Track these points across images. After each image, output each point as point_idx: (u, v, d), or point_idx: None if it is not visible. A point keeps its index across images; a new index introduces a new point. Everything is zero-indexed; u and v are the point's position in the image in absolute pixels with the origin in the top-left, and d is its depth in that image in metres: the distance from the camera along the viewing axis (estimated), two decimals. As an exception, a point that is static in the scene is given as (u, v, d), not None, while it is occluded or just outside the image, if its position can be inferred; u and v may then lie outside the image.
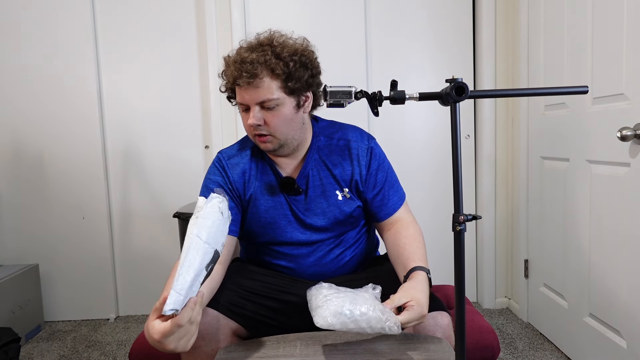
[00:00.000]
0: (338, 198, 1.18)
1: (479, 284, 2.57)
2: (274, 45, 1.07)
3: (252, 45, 1.08)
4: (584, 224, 1.75)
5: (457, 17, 2.44)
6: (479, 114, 2.47)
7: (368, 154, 1.19)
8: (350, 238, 1.23)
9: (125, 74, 2.48)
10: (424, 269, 1.04)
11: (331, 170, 1.18)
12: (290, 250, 1.20)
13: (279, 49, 1.06)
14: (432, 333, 1.02)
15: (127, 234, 2.55)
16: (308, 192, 1.17)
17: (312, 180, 1.18)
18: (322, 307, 0.89)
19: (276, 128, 1.08)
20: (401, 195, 1.23)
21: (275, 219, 1.17)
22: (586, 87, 0.83)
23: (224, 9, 2.40)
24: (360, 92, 0.85)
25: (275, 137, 1.10)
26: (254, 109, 1.07)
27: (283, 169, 1.19)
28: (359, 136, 1.21)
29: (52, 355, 2.13)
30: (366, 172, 1.18)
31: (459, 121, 0.78)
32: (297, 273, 1.21)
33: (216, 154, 1.23)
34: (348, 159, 1.18)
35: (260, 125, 1.07)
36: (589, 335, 1.75)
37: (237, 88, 1.08)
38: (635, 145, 1.45)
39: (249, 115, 1.08)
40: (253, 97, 1.06)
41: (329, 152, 1.19)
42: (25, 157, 2.48)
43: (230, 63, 1.08)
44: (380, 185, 1.20)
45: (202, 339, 1.01)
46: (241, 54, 1.06)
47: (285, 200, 1.17)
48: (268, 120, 1.07)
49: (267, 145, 1.11)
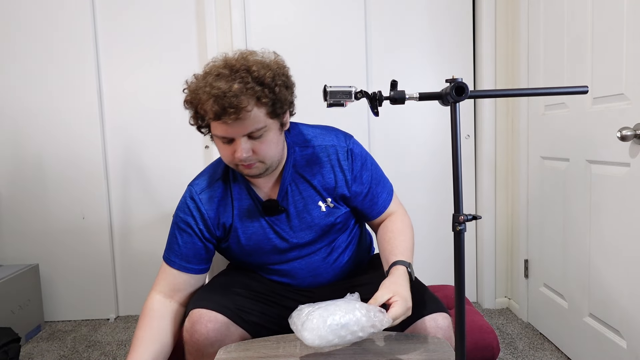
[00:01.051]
0: (321, 210, 1.12)
1: (479, 284, 2.57)
2: (251, 69, 0.96)
3: (225, 73, 0.95)
4: (584, 224, 1.75)
5: (457, 17, 2.44)
6: (479, 114, 2.47)
7: (348, 156, 1.12)
8: (342, 242, 1.20)
9: (125, 74, 2.48)
10: (403, 262, 1.03)
11: (310, 182, 1.11)
12: (281, 267, 1.18)
13: (258, 73, 0.96)
14: (432, 334, 1.01)
15: (127, 234, 2.55)
16: (289, 210, 1.12)
17: (291, 196, 1.11)
18: (306, 322, 0.86)
19: (265, 154, 1.01)
20: (389, 190, 1.20)
21: (260, 244, 1.13)
22: (586, 87, 0.83)
23: (224, 9, 2.40)
24: (360, 92, 0.84)
25: (263, 163, 1.03)
26: (240, 140, 0.97)
27: (260, 189, 1.12)
28: (335, 138, 1.14)
29: (52, 355, 2.13)
30: (350, 175, 1.12)
31: (459, 121, 0.78)
32: (292, 287, 1.20)
33: (187, 187, 1.15)
34: (327, 165, 1.11)
35: (249, 156, 0.99)
36: (589, 335, 1.75)
37: (216, 122, 0.97)
38: (635, 145, 1.45)
39: (231, 146, 1.00)
40: (239, 130, 0.96)
41: (305, 162, 1.12)
42: (25, 157, 2.48)
43: (203, 95, 0.94)
44: (367, 186, 1.15)
45: (211, 345, 1.00)
46: (217, 86, 0.93)
47: (267, 222, 1.12)
48: (256, 149, 1.00)
49: (252, 171, 1.04)
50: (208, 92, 0.93)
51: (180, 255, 1.12)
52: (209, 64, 1.01)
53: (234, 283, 1.14)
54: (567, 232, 1.88)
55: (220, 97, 0.92)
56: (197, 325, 1.01)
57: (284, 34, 2.43)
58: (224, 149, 1.02)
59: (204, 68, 1.01)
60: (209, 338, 1.00)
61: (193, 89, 0.98)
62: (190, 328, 1.02)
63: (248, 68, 0.96)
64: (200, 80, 0.98)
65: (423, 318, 1.03)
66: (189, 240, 1.12)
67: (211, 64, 1.00)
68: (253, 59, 0.99)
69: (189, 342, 1.03)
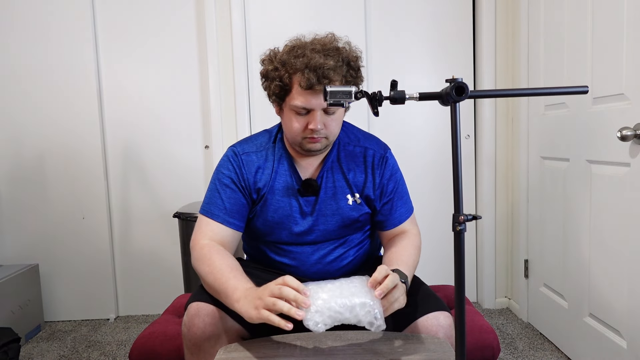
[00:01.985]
0: (348, 202, 1.18)
1: (479, 284, 2.57)
2: (341, 50, 1.08)
3: (318, 49, 1.06)
4: (584, 224, 1.75)
5: (457, 17, 2.44)
6: (479, 114, 2.47)
7: (382, 162, 1.20)
8: (354, 239, 1.24)
9: (125, 73, 2.48)
10: (398, 271, 1.02)
11: (345, 174, 1.18)
12: (294, 248, 1.20)
13: (347, 54, 1.08)
14: (434, 333, 1.02)
15: (127, 234, 2.55)
16: (319, 194, 1.17)
17: (325, 182, 1.18)
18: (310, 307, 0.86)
19: (332, 130, 1.10)
20: (409, 208, 1.24)
21: (283, 219, 1.17)
22: (586, 87, 0.83)
23: (224, 9, 2.40)
24: (360, 92, 0.85)
25: (327, 139, 1.11)
26: (318, 113, 1.06)
27: (304, 169, 1.19)
28: (375, 145, 1.22)
29: (52, 355, 2.13)
30: (379, 180, 1.19)
31: (459, 121, 0.78)
32: (300, 271, 1.21)
33: (228, 148, 1.21)
34: (362, 165, 1.19)
35: (322, 129, 1.08)
36: (589, 335, 1.75)
37: (302, 91, 1.05)
38: (635, 145, 1.45)
39: (305, 118, 1.08)
40: (322, 102, 1.05)
41: (345, 155, 1.20)
42: (25, 157, 2.48)
43: (299, 65, 1.04)
44: (389, 195, 1.20)
45: (207, 340, 1.01)
46: (314, 58, 1.03)
47: (297, 201, 1.17)
48: (327, 124, 1.09)
49: (315, 146, 1.11)
50: (305, 63, 1.03)
51: (224, 209, 1.13)
52: (293, 41, 1.11)
53: None
54: (567, 232, 1.88)
55: (318, 67, 1.02)
56: (195, 319, 1.02)
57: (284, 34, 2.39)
58: (297, 120, 1.09)
59: (286, 44, 1.11)
60: (206, 332, 1.00)
61: (282, 59, 1.07)
62: (188, 322, 1.03)
63: (338, 49, 1.08)
64: (286, 53, 1.08)
65: (425, 316, 1.04)
66: (232, 196, 1.14)
67: (295, 41, 1.11)
68: (340, 43, 1.10)
69: (186, 336, 1.04)
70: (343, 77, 1.06)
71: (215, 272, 1.01)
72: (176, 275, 2.53)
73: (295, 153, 1.18)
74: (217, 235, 1.12)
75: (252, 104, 2.45)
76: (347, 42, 1.13)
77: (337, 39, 1.12)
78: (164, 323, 1.42)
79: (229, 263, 1.03)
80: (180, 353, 1.20)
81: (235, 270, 1.01)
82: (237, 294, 0.94)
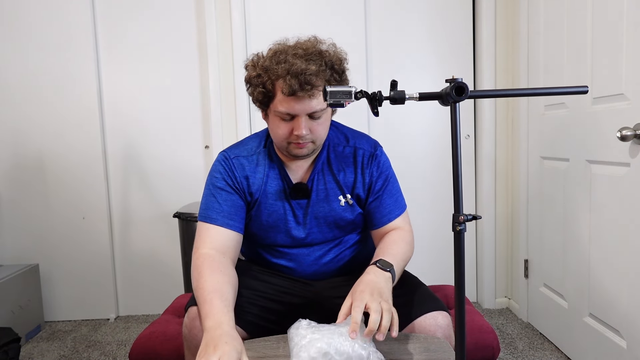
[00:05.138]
0: (340, 204, 1.17)
1: (479, 284, 2.57)
2: (324, 54, 1.06)
3: (300, 54, 1.04)
4: (584, 224, 1.75)
5: (457, 17, 2.44)
6: (479, 114, 2.48)
7: (371, 161, 1.18)
8: (350, 239, 1.24)
9: (126, 74, 2.48)
10: (382, 261, 1.01)
11: (335, 176, 1.17)
12: (291, 250, 1.20)
13: (329, 59, 1.06)
14: (432, 333, 1.02)
15: (127, 234, 2.56)
16: (311, 196, 1.17)
17: (316, 185, 1.17)
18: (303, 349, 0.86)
19: (319, 135, 1.09)
20: (400, 207, 1.20)
21: (277, 223, 1.17)
22: (586, 87, 0.83)
23: (224, 9, 2.40)
24: (360, 92, 0.85)
25: (314, 143, 1.10)
26: (302, 119, 1.05)
27: (294, 172, 1.18)
28: (365, 143, 1.21)
29: (52, 355, 2.13)
30: (369, 179, 1.18)
31: (459, 121, 0.78)
32: (297, 272, 1.21)
33: (219, 154, 1.20)
34: (352, 165, 1.18)
35: (307, 134, 1.06)
36: (589, 335, 1.75)
37: (285, 98, 1.03)
38: (635, 145, 1.45)
39: (289, 124, 1.06)
40: (306, 108, 1.03)
41: (336, 156, 1.19)
42: (25, 157, 2.48)
43: (280, 71, 1.02)
44: (377, 193, 1.18)
45: None
46: (296, 64, 1.00)
47: (289, 205, 1.17)
48: (313, 129, 1.07)
49: (302, 151, 1.10)
50: (287, 69, 1.01)
51: (222, 212, 1.11)
52: (276, 45, 1.09)
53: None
54: (567, 232, 1.88)
55: (299, 74, 0.99)
56: (195, 321, 1.02)
57: (284, 34, 2.40)
58: (281, 126, 1.07)
59: (270, 48, 1.09)
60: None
61: (264, 66, 1.05)
62: (189, 323, 1.04)
63: (321, 52, 1.06)
64: (269, 58, 1.06)
65: (423, 316, 1.04)
66: (228, 198, 1.13)
67: (277, 45, 1.08)
68: (322, 46, 1.08)
69: (187, 338, 1.05)
70: (326, 81, 1.04)
71: (199, 289, 0.98)
72: (176, 275, 2.53)
73: (285, 157, 1.17)
74: (217, 241, 1.08)
75: (252, 104, 2.44)
76: (331, 44, 1.11)
77: (320, 42, 1.09)
78: (164, 323, 1.42)
79: (213, 282, 0.98)
80: (180, 353, 1.21)
81: (213, 293, 0.95)
82: (205, 323, 0.90)
